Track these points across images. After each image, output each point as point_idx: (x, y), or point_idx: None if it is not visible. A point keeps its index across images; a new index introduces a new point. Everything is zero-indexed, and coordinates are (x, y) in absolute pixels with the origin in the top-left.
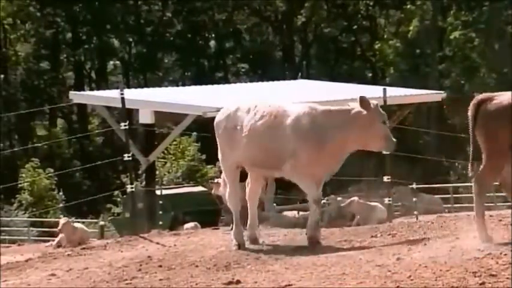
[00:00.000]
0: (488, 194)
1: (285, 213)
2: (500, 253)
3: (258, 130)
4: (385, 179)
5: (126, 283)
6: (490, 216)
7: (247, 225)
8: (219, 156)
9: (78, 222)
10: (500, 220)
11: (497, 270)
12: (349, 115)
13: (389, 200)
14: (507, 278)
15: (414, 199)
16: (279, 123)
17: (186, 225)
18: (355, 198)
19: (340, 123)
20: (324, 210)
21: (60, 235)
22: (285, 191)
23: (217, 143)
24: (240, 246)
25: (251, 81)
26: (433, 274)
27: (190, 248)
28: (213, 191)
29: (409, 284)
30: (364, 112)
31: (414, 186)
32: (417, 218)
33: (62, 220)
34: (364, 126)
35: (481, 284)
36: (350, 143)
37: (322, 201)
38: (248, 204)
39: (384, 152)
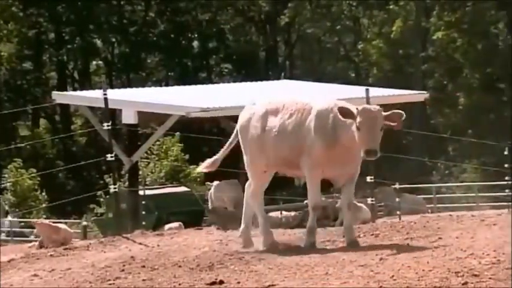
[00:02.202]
0: (471, 194)
1: (269, 213)
2: (483, 253)
3: (287, 129)
4: (368, 179)
5: (109, 283)
6: (472, 216)
7: (241, 229)
8: (246, 159)
9: (61, 222)
10: (483, 220)
11: (480, 270)
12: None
13: (372, 200)
14: (490, 278)
15: (397, 199)
16: (304, 120)
17: (168, 225)
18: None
19: (350, 124)
20: (307, 210)
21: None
22: (269, 191)
23: (243, 146)
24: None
25: (234, 81)
26: (415, 274)
27: (173, 249)
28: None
29: (392, 284)
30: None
31: (397, 186)
32: (400, 218)
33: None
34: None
35: (463, 284)
36: (356, 147)
37: (305, 201)
38: (247, 205)
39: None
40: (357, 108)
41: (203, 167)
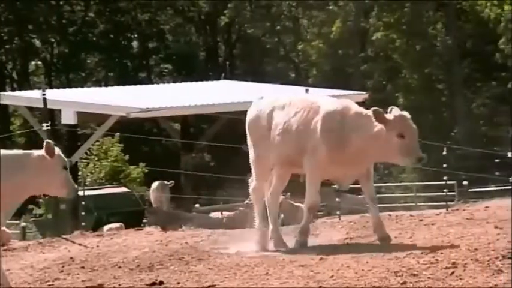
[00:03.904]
0: (410, 194)
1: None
2: (422, 253)
3: (292, 127)
4: None
5: (48, 284)
6: (411, 216)
7: (271, 229)
8: (252, 156)
9: None
10: (421, 220)
11: (419, 270)
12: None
13: None
14: (428, 278)
15: (337, 199)
16: (311, 119)
17: (108, 226)
18: (281, 197)
19: (366, 129)
20: (248, 211)
21: None
22: (211, 192)
23: (250, 142)
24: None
25: (175, 81)
26: (355, 274)
27: (113, 249)
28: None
29: (332, 283)
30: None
31: (337, 186)
32: (340, 218)
33: None
34: (379, 138)
35: (402, 283)
36: (371, 151)
37: (246, 201)
38: (269, 205)
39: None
40: (395, 116)
41: None
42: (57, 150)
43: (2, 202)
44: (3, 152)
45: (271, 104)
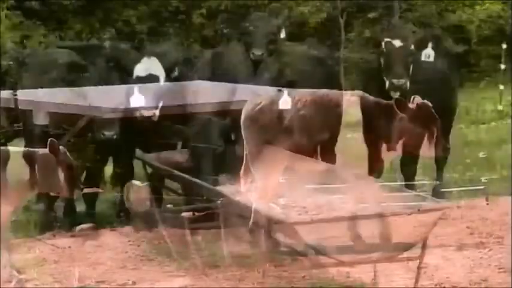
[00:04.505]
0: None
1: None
2: (394, 252)
3: (301, 121)
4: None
5: None
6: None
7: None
8: (249, 153)
9: None
10: (394, 219)
11: (391, 270)
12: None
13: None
14: (400, 278)
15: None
16: (326, 112)
17: (79, 226)
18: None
19: (388, 119)
20: (220, 211)
21: None
22: (184, 192)
23: (246, 140)
24: None
25: None
26: (328, 273)
27: (86, 250)
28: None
29: (304, 283)
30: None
31: (311, 186)
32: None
33: None
34: (402, 128)
35: (374, 283)
36: (393, 142)
37: (218, 201)
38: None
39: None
40: (418, 105)
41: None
42: (62, 149)
43: (11, 199)
44: (11, 148)
45: (270, 99)
